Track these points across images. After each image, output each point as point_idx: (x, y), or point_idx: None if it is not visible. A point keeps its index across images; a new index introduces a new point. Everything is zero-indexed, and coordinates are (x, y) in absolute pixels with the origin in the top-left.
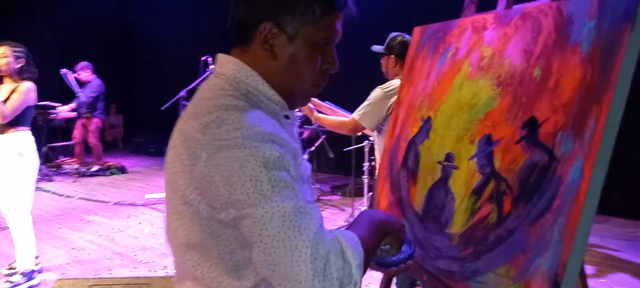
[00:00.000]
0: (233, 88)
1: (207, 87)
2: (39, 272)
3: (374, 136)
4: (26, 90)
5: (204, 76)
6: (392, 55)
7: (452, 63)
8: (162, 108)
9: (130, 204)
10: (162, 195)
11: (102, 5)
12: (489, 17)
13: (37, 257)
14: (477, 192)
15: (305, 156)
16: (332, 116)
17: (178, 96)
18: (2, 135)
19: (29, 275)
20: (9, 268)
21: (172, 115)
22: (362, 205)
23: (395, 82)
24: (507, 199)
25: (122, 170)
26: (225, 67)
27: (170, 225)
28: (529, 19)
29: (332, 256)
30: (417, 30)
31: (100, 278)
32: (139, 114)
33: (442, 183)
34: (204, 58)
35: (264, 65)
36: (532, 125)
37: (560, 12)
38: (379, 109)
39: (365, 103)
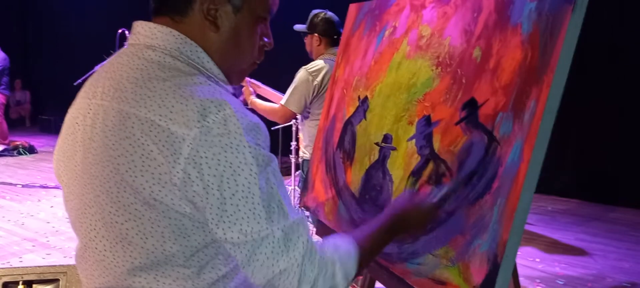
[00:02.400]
0: (190, 66)
1: (142, 63)
2: None
3: (298, 117)
4: None
5: (120, 50)
6: (316, 34)
7: (390, 42)
8: (75, 83)
9: (41, 186)
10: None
11: None
12: None
13: None
14: (416, 173)
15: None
16: (266, 103)
17: (93, 71)
18: None
19: None
20: None
21: None
22: (289, 184)
23: (319, 62)
24: (446, 181)
25: (31, 150)
26: (159, 39)
27: (99, 224)
28: None
29: (320, 280)
30: (352, 7)
31: (11, 267)
32: (47, 90)
33: (379, 165)
34: (121, 30)
35: (203, 38)
36: (471, 106)
37: None
38: (305, 90)
39: (291, 87)
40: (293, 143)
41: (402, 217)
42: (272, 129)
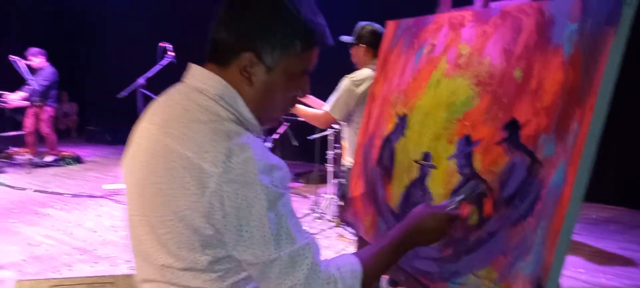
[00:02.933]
0: (228, 112)
1: (190, 104)
2: None
3: (341, 125)
4: None
5: (162, 63)
6: (363, 45)
7: (429, 60)
8: (119, 96)
9: (88, 196)
10: (121, 185)
11: None
12: (466, 14)
13: None
14: (456, 192)
15: (269, 144)
16: (308, 108)
17: (136, 83)
18: None
19: None
20: None
21: (129, 103)
22: (326, 193)
23: (364, 71)
24: (487, 201)
25: (78, 160)
26: (208, 83)
27: (148, 230)
28: (509, 18)
29: None
30: (390, 24)
31: (62, 278)
32: (93, 102)
33: (419, 183)
34: (162, 44)
35: (240, 88)
36: (513, 126)
37: (541, 13)
38: (348, 98)
39: (335, 94)
40: (330, 152)
41: (416, 229)
42: (309, 138)
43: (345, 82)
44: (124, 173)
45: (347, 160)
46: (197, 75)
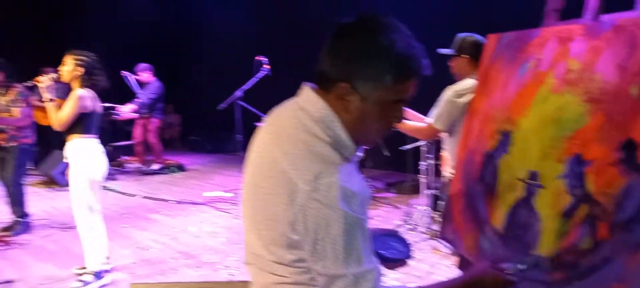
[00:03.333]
0: (325, 134)
1: (295, 121)
2: (109, 271)
3: (442, 135)
4: (77, 98)
5: (258, 76)
6: (465, 56)
7: (534, 75)
8: (219, 107)
9: (190, 203)
10: (220, 193)
11: (156, 6)
12: (575, 28)
13: (108, 258)
14: (568, 214)
15: (360, 154)
16: (411, 122)
17: (234, 96)
18: (68, 142)
19: (98, 275)
20: (80, 268)
21: (227, 114)
22: (418, 204)
23: (467, 82)
24: (601, 225)
25: (181, 168)
26: (312, 105)
27: (251, 223)
28: (623, 33)
29: None
30: (491, 37)
31: (172, 282)
32: (194, 113)
33: (525, 202)
34: (257, 58)
35: (339, 113)
36: (629, 147)
37: None
38: (452, 109)
39: (438, 106)
40: (423, 163)
41: (475, 284)
42: (401, 148)
43: (448, 93)
44: (245, 168)
45: (448, 172)
46: (305, 96)
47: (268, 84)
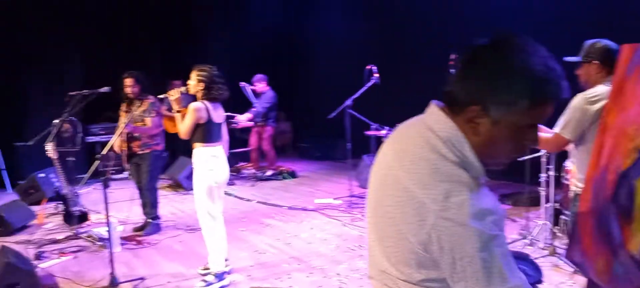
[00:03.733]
0: (453, 154)
1: (422, 140)
2: (228, 273)
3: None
4: (193, 110)
5: (367, 85)
6: (595, 62)
7: None
8: (329, 117)
9: (301, 209)
10: (330, 200)
11: (271, 20)
12: None
13: (227, 260)
14: None
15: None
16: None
17: (344, 105)
18: (193, 149)
19: (220, 276)
20: (204, 269)
21: (337, 122)
22: (539, 218)
23: (599, 88)
24: None
25: (293, 174)
26: (440, 125)
27: (376, 239)
28: None
29: None
30: (625, 48)
31: None
32: (305, 121)
33: None
34: (368, 67)
35: (467, 134)
36: None
37: None
38: (582, 117)
39: (566, 114)
40: (543, 174)
41: None
42: (519, 159)
43: (578, 100)
44: (369, 181)
45: (573, 186)
46: (433, 115)
47: (377, 93)
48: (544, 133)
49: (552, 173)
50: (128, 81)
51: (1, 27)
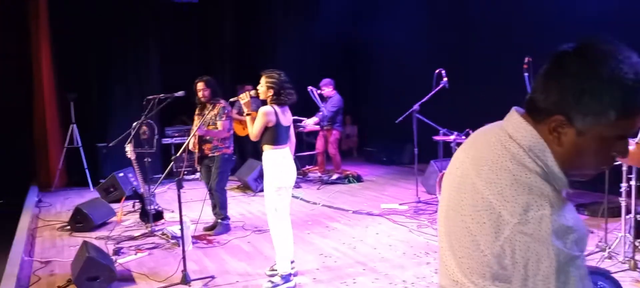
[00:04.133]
0: (535, 164)
1: (501, 148)
2: (294, 275)
3: None
4: (263, 113)
5: (437, 89)
6: None
7: None
8: (397, 121)
9: (367, 213)
10: (396, 205)
11: (339, 25)
12: None
13: (292, 262)
14: None
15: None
16: None
17: (411, 109)
18: (262, 152)
19: (286, 278)
20: (271, 270)
21: (403, 126)
22: (618, 230)
23: None
24: None
25: (358, 179)
26: (521, 133)
27: (449, 248)
28: None
29: None
30: None
31: None
32: (372, 125)
33: None
34: (438, 71)
35: (550, 144)
36: None
37: None
38: None
39: None
40: (623, 184)
41: None
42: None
43: None
44: (441, 188)
45: None
46: (514, 122)
47: (446, 97)
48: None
49: (633, 182)
50: (200, 85)
51: (86, 36)
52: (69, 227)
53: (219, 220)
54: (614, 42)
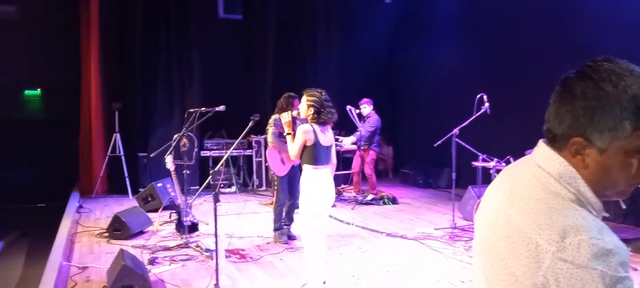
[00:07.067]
0: (567, 191)
1: (533, 179)
2: None
3: None
4: (300, 132)
5: (478, 113)
6: None
7: None
8: (436, 145)
9: (401, 236)
10: (431, 230)
11: (380, 45)
12: None
13: (324, 282)
14: None
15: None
16: None
17: (451, 134)
18: (302, 170)
19: None
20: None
21: (442, 150)
22: None
23: None
24: None
25: (393, 200)
26: (549, 163)
27: (486, 283)
28: None
29: None
30: None
31: None
32: (408, 147)
33: None
34: (480, 95)
35: (578, 169)
36: None
37: None
38: None
39: None
40: None
41: None
42: None
43: None
44: (475, 223)
45: None
46: (542, 153)
47: (486, 122)
48: None
49: None
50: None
51: (133, 48)
52: (107, 234)
53: (273, 231)
54: (615, 61)
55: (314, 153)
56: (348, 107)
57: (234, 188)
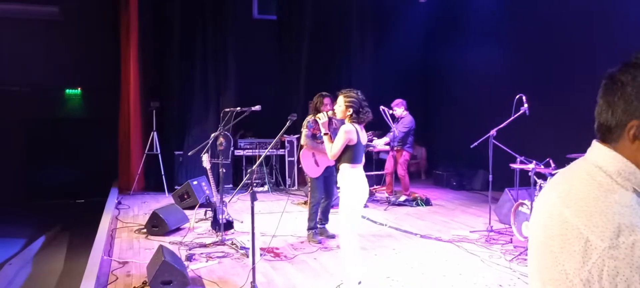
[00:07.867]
0: (625, 188)
1: (589, 179)
2: None
3: None
4: (343, 132)
5: (516, 114)
6: None
7: None
8: (472, 146)
9: (435, 238)
10: (466, 233)
11: (414, 46)
12: None
13: (360, 282)
14: None
15: None
16: None
17: (488, 135)
18: (338, 170)
19: None
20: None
21: (477, 151)
22: None
23: None
24: None
25: (427, 202)
26: (606, 160)
27: (536, 274)
28: None
29: None
30: None
31: None
32: (442, 148)
33: None
34: (518, 96)
35: (635, 159)
36: None
37: None
38: None
39: None
40: None
41: None
42: None
43: None
44: (529, 231)
45: None
46: (597, 152)
47: (524, 124)
48: None
49: None
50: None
51: (171, 49)
52: (145, 230)
53: (308, 230)
54: None
55: (354, 153)
56: (381, 108)
57: (266, 188)
